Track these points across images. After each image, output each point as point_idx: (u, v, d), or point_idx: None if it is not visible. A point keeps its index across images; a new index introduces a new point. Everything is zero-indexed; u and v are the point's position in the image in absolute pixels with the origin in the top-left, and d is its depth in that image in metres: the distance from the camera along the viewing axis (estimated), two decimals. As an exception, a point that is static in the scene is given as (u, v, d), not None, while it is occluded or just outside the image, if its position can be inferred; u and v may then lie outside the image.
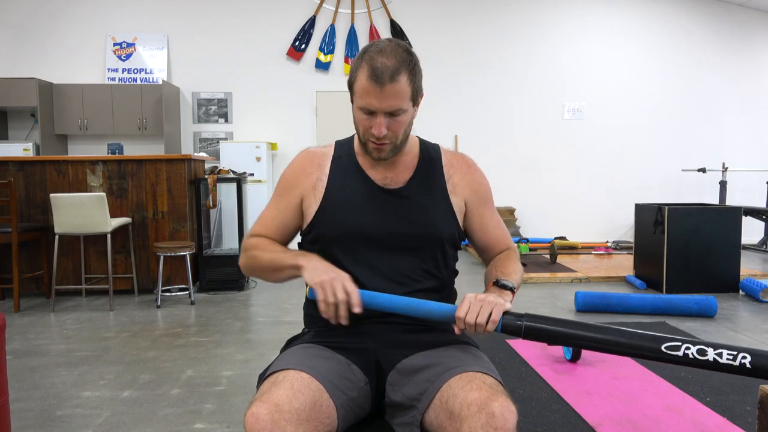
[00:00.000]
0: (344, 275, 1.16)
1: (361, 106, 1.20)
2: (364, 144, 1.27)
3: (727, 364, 1.05)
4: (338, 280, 1.14)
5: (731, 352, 1.05)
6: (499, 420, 0.98)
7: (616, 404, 2.30)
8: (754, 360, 1.04)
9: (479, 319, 1.09)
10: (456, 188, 1.35)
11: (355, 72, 1.21)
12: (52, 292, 4.21)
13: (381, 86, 1.16)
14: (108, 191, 4.56)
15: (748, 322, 3.69)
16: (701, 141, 7.76)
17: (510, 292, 1.21)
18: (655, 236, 4.64)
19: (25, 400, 2.46)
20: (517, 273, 1.30)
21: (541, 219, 7.54)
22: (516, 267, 1.32)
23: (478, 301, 1.10)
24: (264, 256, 1.31)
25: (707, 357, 1.06)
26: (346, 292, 1.13)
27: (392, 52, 1.18)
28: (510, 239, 1.42)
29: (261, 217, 1.40)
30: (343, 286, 1.13)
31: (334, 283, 1.13)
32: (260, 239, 1.36)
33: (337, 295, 1.12)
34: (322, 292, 1.13)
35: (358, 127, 1.25)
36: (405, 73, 1.18)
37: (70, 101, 6.74)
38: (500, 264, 1.33)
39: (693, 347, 1.07)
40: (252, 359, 2.99)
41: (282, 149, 7.24)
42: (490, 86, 7.51)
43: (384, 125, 1.20)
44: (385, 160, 1.29)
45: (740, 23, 7.76)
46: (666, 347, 1.08)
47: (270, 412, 0.99)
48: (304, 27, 7.23)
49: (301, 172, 1.35)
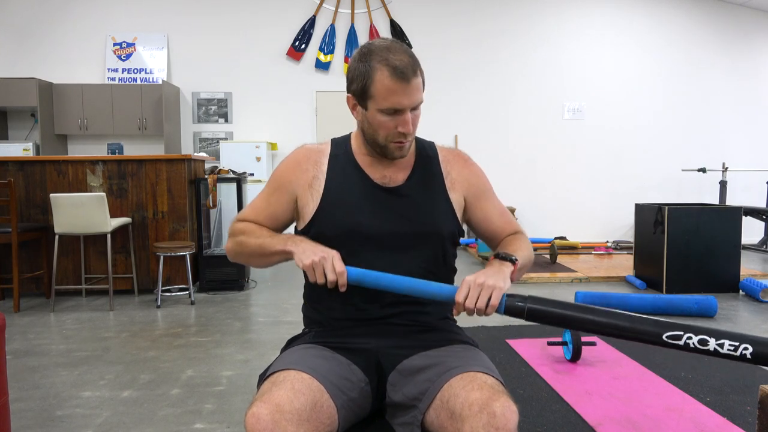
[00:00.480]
0: (333, 253, 1.17)
1: (387, 108, 1.19)
2: (383, 147, 1.26)
3: (729, 354, 1.06)
4: (327, 259, 1.16)
5: (733, 343, 1.06)
6: (500, 420, 0.98)
7: (616, 404, 2.30)
8: (755, 350, 1.05)
9: (479, 303, 1.09)
10: (454, 184, 1.35)
11: (368, 77, 1.19)
12: (52, 292, 4.20)
13: (407, 83, 1.17)
14: (108, 191, 4.56)
15: (748, 322, 3.69)
16: (701, 141, 7.76)
17: (510, 263, 1.20)
18: (655, 236, 4.64)
19: (25, 400, 2.46)
20: (523, 250, 1.29)
21: (541, 219, 7.54)
22: (521, 245, 1.31)
23: (477, 285, 1.10)
24: (252, 241, 1.29)
25: (708, 347, 1.07)
26: (335, 272, 1.15)
27: (399, 48, 1.21)
28: (516, 225, 1.42)
29: (251, 204, 1.39)
30: (332, 265, 1.15)
31: (324, 263, 1.15)
32: (248, 224, 1.35)
33: (327, 276, 1.15)
34: (312, 274, 1.16)
35: (379, 131, 1.23)
36: (419, 67, 1.22)
37: (70, 101, 6.74)
38: (506, 243, 1.34)
39: (695, 337, 1.07)
40: (252, 359, 2.99)
41: (282, 149, 7.24)
42: (490, 86, 7.51)
43: (410, 121, 1.21)
44: (404, 157, 1.30)
45: (740, 23, 7.76)
46: (668, 336, 1.09)
47: (271, 412, 0.99)
48: (304, 27, 7.23)
49: (297, 168, 1.34)
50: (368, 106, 1.22)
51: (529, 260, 1.32)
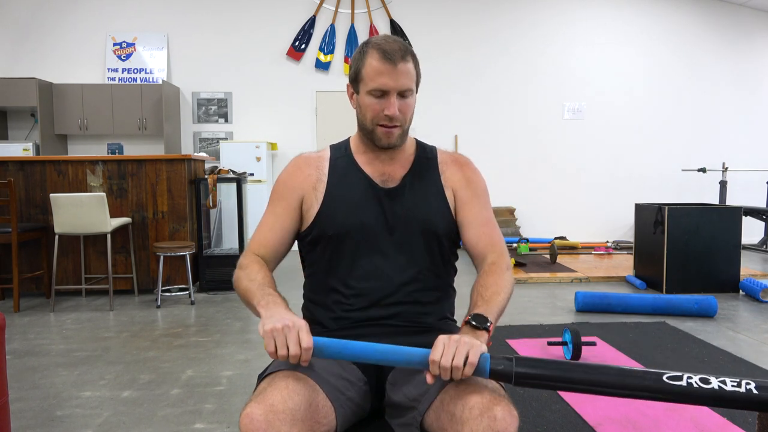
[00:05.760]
0: (301, 323, 1.06)
1: (374, 88, 1.24)
2: (371, 132, 1.28)
3: (733, 391, 0.99)
4: (292, 329, 1.04)
5: (734, 380, 0.99)
6: (500, 424, 0.98)
7: (616, 404, 2.30)
8: (759, 386, 0.99)
9: (455, 361, 0.99)
10: (448, 182, 1.36)
11: (360, 61, 1.26)
12: (52, 292, 4.20)
13: (394, 65, 1.22)
14: (108, 191, 4.56)
15: (748, 322, 3.69)
16: (701, 141, 7.76)
17: (485, 331, 1.11)
18: (655, 236, 4.64)
19: (25, 400, 2.46)
20: (501, 293, 1.21)
21: (541, 219, 7.54)
22: (499, 285, 1.22)
23: (453, 342, 1.02)
24: (243, 284, 1.25)
25: (712, 385, 0.99)
26: (299, 345, 1.03)
27: (394, 39, 1.27)
28: (500, 246, 1.32)
29: (258, 228, 1.36)
30: (297, 337, 1.03)
31: (287, 333, 1.03)
32: (251, 261, 1.30)
33: (289, 347, 1.03)
34: (271, 342, 1.03)
35: (367, 113, 1.27)
36: (411, 56, 1.26)
37: (70, 101, 6.74)
38: (482, 283, 1.24)
39: (695, 377, 1.00)
40: (252, 359, 2.99)
41: (282, 149, 7.24)
42: (491, 86, 7.51)
43: (396, 105, 1.23)
44: (394, 147, 1.30)
45: (740, 23, 7.75)
46: (668, 383, 1.00)
47: (265, 412, 1.00)
48: (304, 27, 7.23)
49: (299, 173, 1.35)
50: (359, 90, 1.28)
51: (509, 295, 1.23)
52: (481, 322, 1.12)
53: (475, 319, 1.13)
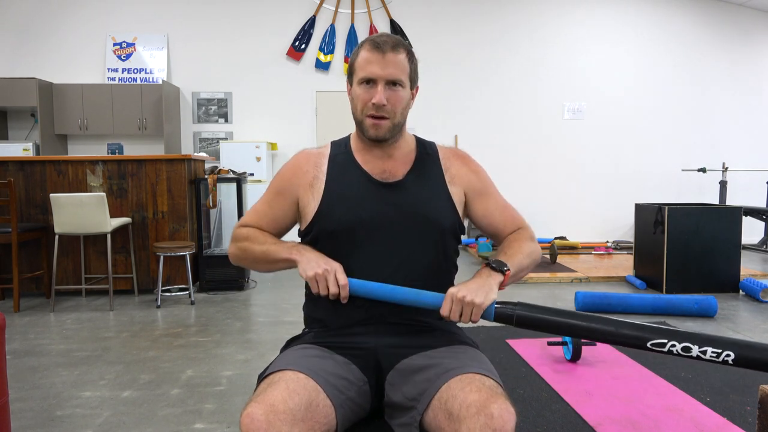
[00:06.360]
0: (336, 266, 1.22)
1: (362, 77, 1.25)
2: (360, 123, 1.29)
3: (711, 360, 1.10)
4: (331, 272, 1.21)
5: (716, 350, 1.09)
6: (497, 422, 0.98)
7: (616, 404, 2.30)
8: (738, 355, 1.08)
9: (462, 318, 1.16)
10: (454, 179, 1.37)
11: (355, 55, 1.29)
12: (52, 292, 4.20)
13: (383, 53, 1.23)
14: (108, 191, 4.56)
15: (748, 322, 3.69)
16: (701, 141, 7.76)
17: (500, 273, 1.22)
18: (655, 236, 4.64)
19: (25, 400, 2.46)
20: (522, 252, 1.30)
21: (541, 219, 7.53)
22: (522, 246, 1.32)
23: (458, 300, 1.15)
24: (256, 248, 1.32)
25: (691, 353, 1.11)
26: (337, 284, 1.20)
27: (389, 35, 1.29)
28: (520, 220, 1.42)
29: (253, 208, 1.41)
30: (335, 278, 1.20)
31: (327, 276, 1.20)
32: (251, 230, 1.36)
33: (330, 288, 1.20)
34: (315, 285, 1.21)
35: (357, 103, 1.28)
36: (404, 50, 1.27)
37: (70, 101, 6.74)
38: (506, 245, 1.34)
39: (678, 345, 1.11)
40: (252, 359, 2.99)
41: (282, 149, 7.24)
42: (491, 86, 7.50)
43: (384, 94, 1.24)
44: (383, 141, 1.30)
45: (740, 23, 7.75)
46: (652, 344, 1.13)
47: (265, 412, 1.00)
48: (304, 27, 7.23)
49: (298, 171, 1.36)
50: (352, 82, 1.29)
51: (531, 260, 1.32)
52: (500, 265, 1.23)
53: (495, 262, 1.23)
